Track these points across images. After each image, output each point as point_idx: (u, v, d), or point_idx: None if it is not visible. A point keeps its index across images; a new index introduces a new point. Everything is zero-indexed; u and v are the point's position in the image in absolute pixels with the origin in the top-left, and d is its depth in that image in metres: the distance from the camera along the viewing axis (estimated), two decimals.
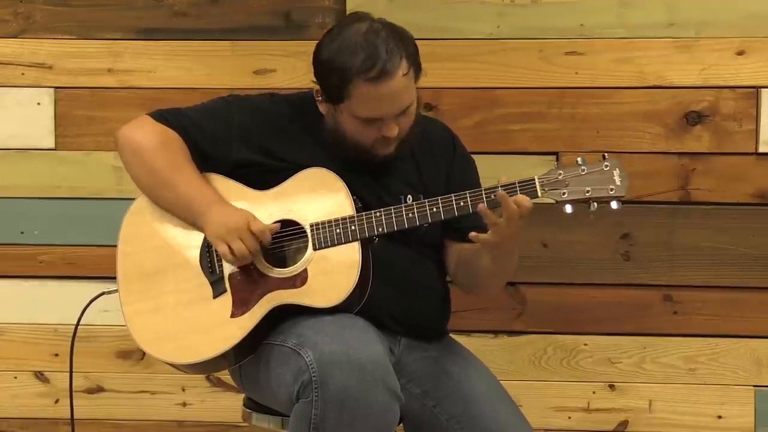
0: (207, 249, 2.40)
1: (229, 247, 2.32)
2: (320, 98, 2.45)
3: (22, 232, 3.28)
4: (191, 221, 2.41)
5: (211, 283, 2.39)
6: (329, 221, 2.35)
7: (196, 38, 3.22)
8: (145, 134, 2.46)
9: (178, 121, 2.48)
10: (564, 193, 2.29)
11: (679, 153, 3.14)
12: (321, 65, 2.41)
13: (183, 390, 3.30)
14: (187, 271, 2.40)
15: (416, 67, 2.38)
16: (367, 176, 2.47)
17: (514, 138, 3.16)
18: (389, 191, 2.47)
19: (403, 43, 2.35)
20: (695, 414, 3.20)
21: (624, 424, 3.22)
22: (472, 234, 2.30)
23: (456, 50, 3.15)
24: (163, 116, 2.49)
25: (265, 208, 2.40)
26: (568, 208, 2.30)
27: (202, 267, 2.40)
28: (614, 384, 3.21)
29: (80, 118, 3.25)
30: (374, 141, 2.40)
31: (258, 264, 2.37)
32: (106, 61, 3.24)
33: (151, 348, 2.40)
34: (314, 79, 2.45)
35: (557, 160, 3.10)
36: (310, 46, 3.12)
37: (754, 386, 3.19)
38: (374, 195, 2.45)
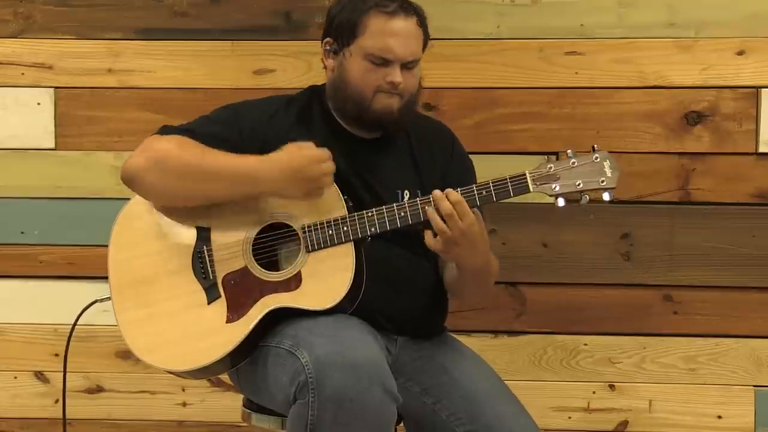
0: (199, 254, 2.39)
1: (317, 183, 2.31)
2: (328, 49, 2.48)
3: (22, 232, 3.28)
4: (254, 190, 2.35)
5: (205, 289, 2.38)
6: (321, 223, 2.35)
7: (196, 38, 3.22)
8: (159, 146, 2.38)
9: (185, 130, 2.43)
10: (555, 187, 2.30)
11: (679, 153, 3.14)
12: (336, 8, 2.47)
13: (183, 390, 3.30)
14: (180, 277, 2.39)
15: (425, 32, 2.47)
16: (365, 173, 2.47)
17: (514, 138, 3.16)
18: (386, 187, 2.48)
19: (417, 7, 2.46)
20: (695, 414, 3.20)
21: (624, 424, 3.22)
22: (426, 234, 2.31)
23: (456, 50, 3.15)
24: (167, 131, 2.44)
25: (256, 210, 2.40)
26: (561, 202, 2.30)
27: (195, 273, 2.39)
28: (614, 384, 3.21)
29: (80, 118, 3.25)
30: (377, 89, 2.41)
31: (251, 268, 2.37)
32: (106, 61, 3.24)
33: (148, 356, 2.38)
34: (322, 36, 2.50)
35: (556, 159, 3.10)
36: (310, 46, 3.15)
37: (754, 386, 3.19)
38: (371, 191, 2.46)
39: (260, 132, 2.44)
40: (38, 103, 3.25)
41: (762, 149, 3.11)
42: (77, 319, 2.61)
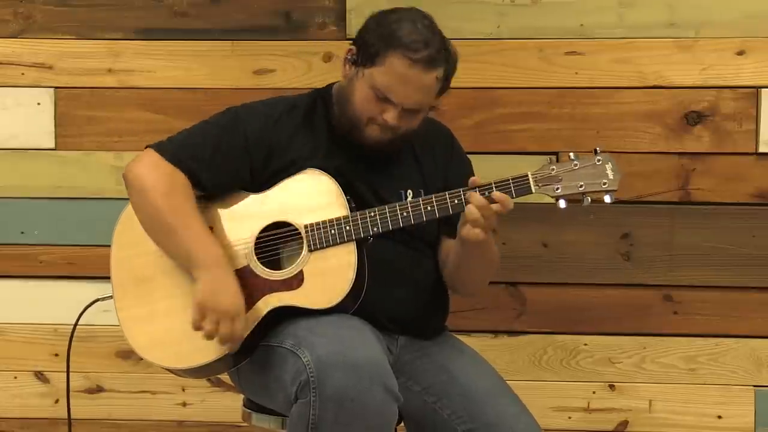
0: None
1: (207, 325, 2.29)
2: (348, 57, 2.45)
3: (22, 232, 3.28)
4: (188, 272, 2.36)
5: None
6: (324, 222, 2.35)
7: (196, 38, 3.22)
8: (153, 176, 2.38)
9: (188, 166, 2.40)
10: (557, 189, 2.30)
11: (679, 153, 3.14)
12: (375, 22, 2.43)
13: (183, 390, 3.30)
14: (182, 275, 2.38)
15: (446, 84, 2.44)
16: (368, 173, 2.47)
17: (513, 138, 3.16)
18: (389, 187, 2.48)
19: (451, 57, 2.41)
20: (695, 414, 3.20)
21: (624, 424, 3.22)
22: (465, 228, 2.31)
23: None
24: (176, 157, 2.41)
25: (260, 210, 2.40)
26: (562, 203, 2.31)
27: None
28: (614, 384, 3.21)
29: (80, 118, 3.25)
30: (370, 120, 2.40)
31: (253, 267, 2.37)
32: (106, 61, 3.24)
33: (148, 354, 2.39)
34: (354, 38, 2.46)
35: (557, 160, 3.10)
36: (310, 46, 3.16)
37: (754, 386, 3.19)
38: (374, 191, 2.46)
39: (266, 137, 2.44)
40: (38, 103, 3.25)
41: (762, 149, 3.12)
42: (78, 319, 2.61)
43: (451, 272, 2.53)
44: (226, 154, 2.42)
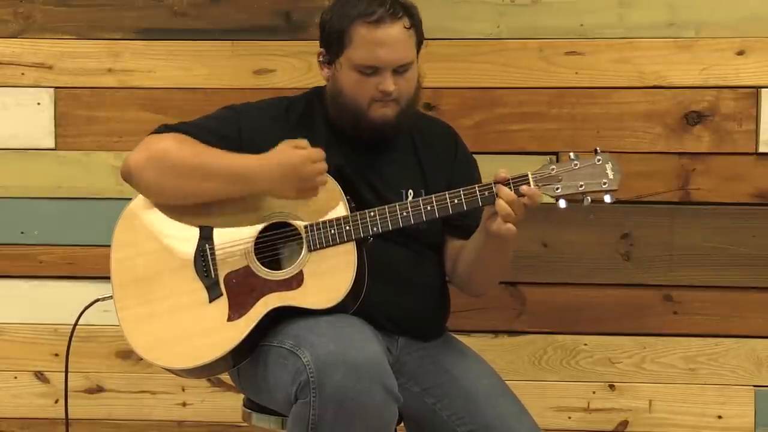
0: (201, 253, 2.39)
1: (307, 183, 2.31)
2: (322, 60, 2.48)
3: (22, 232, 3.28)
4: (248, 189, 2.35)
5: (207, 287, 2.38)
6: (323, 222, 2.35)
7: (196, 38, 3.22)
8: (158, 144, 2.39)
9: (186, 128, 2.44)
10: (557, 188, 2.30)
11: (679, 153, 3.15)
12: (325, 16, 2.46)
13: (183, 390, 3.30)
14: (182, 275, 2.39)
15: (418, 33, 2.44)
16: (369, 172, 2.47)
17: (513, 138, 3.16)
18: (390, 187, 2.48)
19: (408, 8, 2.43)
20: (695, 414, 3.20)
21: (624, 424, 3.22)
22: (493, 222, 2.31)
23: (456, 50, 3.16)
24: (167, 128, 2.44)
25: (259, 210, 2.40)
26: (562, 203, 2.31)
27: (197, 271, 2.39)
28: (614, 384, 3.21)
29: (80, 118, 3.25)
30: (371, 99, 2.40)
31: (253, 267, 2.37)
32: (106, 61, 3.24)
33: (148, 354, 2.38)
34: (320, 45, 2.49)
35: (557, 160, 3.10)
36: (310, 46, 3.15)
37: (754, 386, 3.19)
38: (375, 191, 2.46)
39: (260, 133, 2.44)
40: (38, 103, 3.25)
41: (762, 149, 3.12)
42: (78, 318, 2.61)
43: (465, 271, 2.51)
44: (221, 139, 2.42)
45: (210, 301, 2.37)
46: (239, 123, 2.46)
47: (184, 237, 2.41)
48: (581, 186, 2.31)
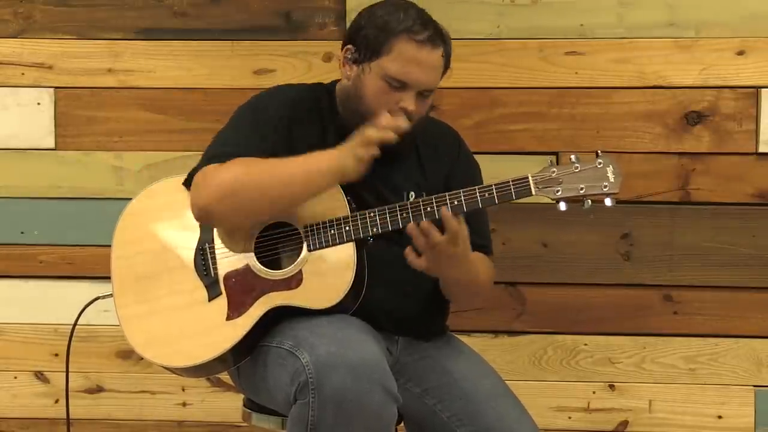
0: (201, 252, 2.40)
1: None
2: (348, 57, 2.45)
3: (22, 232, 3.28)
4: (335, 181, 2.33)
5: (206, 286, 2.38)
6: (323, 222, 2.35)
7: (196, 38, 3.22)
8: (225, 176, 2.31)
9: (230, 150, 2.37)
10: (558, 191, 2.30)
11: (679, 153, 3.14)
12: (366, 16, 2.43)
13: (183, 390, 3.30)
14: (182, 274, 2.39)
15: (447, 63, 2.46)
16: (370, 173, 2.46)
17: (513, 138, 3.16)
18: (391, 188, 2.48)
19: (447, 39, 2.45)
20: (695, 414, 3.20)
21: (624, 424, 3.22)
22: (406, 251, 2.31)
23: (456, 50, 3.12)
24: (210, 159, 2.37)
25: None
26: (563, 206, 2.31)
27: (196, 270, 2.39)
28: (614, 384, 3.21)
29: (80, 118, 3.25)
30: (387, 110, 2.38)
31: (253, 266, 2.37)
32: (106, 61, 3.24)
33: (147, 352, 2.39)
34: (345, 40, 2.46)
35: (557, 159, 3.10)
36: (310, 46, 3.16)
37: (754, 386, 3.19)
38: (376, 192, 2.45)
39: (287, 126, 2.43)
40: (38, 103, 3.25)
41: (762, 149, 3.12)
42: (78, 317, 2.61)
43: (442, 289, 2.50)
44: (263, 127, 2.40)
45: (209, 300, 2.37)
46: (267, 120, 2.43)
47: (184, 236, 2.41)
48: (582, 189, 2.30)
